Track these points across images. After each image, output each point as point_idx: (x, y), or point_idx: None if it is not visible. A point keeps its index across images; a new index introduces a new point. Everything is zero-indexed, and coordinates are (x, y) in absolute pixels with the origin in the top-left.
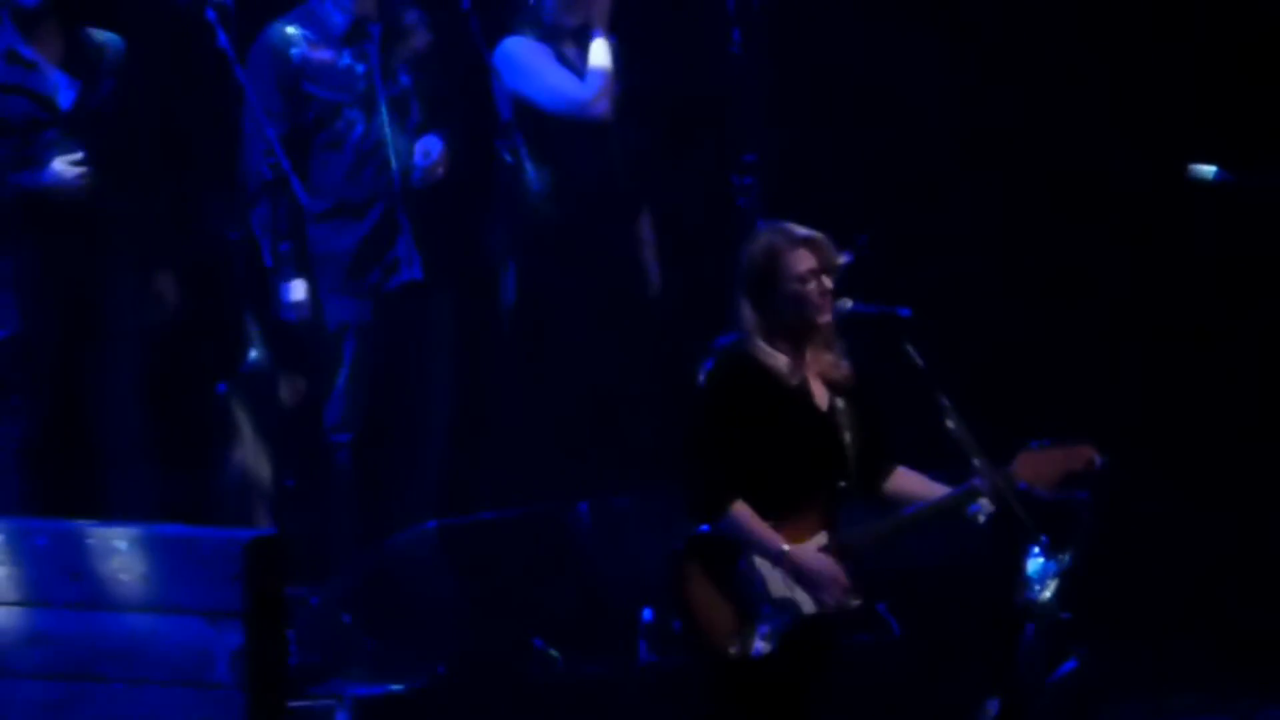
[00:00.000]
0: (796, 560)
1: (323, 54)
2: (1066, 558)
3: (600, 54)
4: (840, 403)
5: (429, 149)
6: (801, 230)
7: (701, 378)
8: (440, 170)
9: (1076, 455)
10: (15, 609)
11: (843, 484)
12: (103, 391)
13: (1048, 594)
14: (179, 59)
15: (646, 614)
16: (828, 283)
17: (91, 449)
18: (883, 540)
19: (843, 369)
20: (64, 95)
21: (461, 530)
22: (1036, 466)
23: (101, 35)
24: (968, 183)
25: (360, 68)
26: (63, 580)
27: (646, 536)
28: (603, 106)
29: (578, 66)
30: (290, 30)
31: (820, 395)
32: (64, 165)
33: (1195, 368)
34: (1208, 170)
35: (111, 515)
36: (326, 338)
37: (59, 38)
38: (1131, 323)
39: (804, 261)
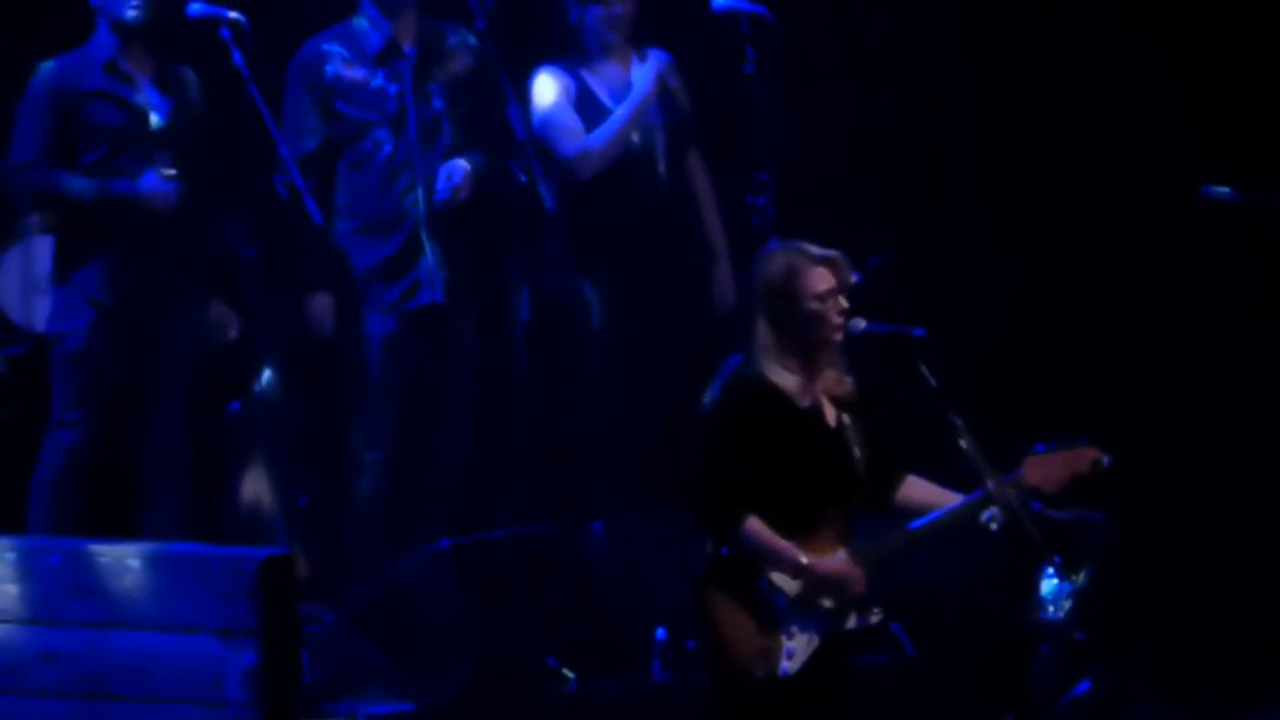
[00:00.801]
0: (817, 571)
1: (356, 72)
2: (1080, 578)
3: (644, 79)
4: (847, 418)
5: (452, 172)
6: (818, 249)
7: (711, 397)
8: (464, 194)
9: (1082, 456)
10: (28, 626)
11: (855, 499)
12: (154, 414)
13: (1062, 615)
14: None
15: (660, 633)
16: (843, 302)
17: (133, 471)
18: (899, 552)
19: (846, 384)
20: (157, 112)
21: (474, 549)
22: (1043, 469)
23: (184, 68)
24: (983, 201)
25: (393, 88)
26: (76, 598)
27: (660, 556)
28: (591, 167)
29: (618, 90)
30: (326, 47)
31: (829, 413)
32: (160, 178)
33: (1212, 384)
34: (1222, 191)
35: (146, 535)
36: (349, 353)
37: (150, 57)
38: (1147, 339)
39: (823, 280)
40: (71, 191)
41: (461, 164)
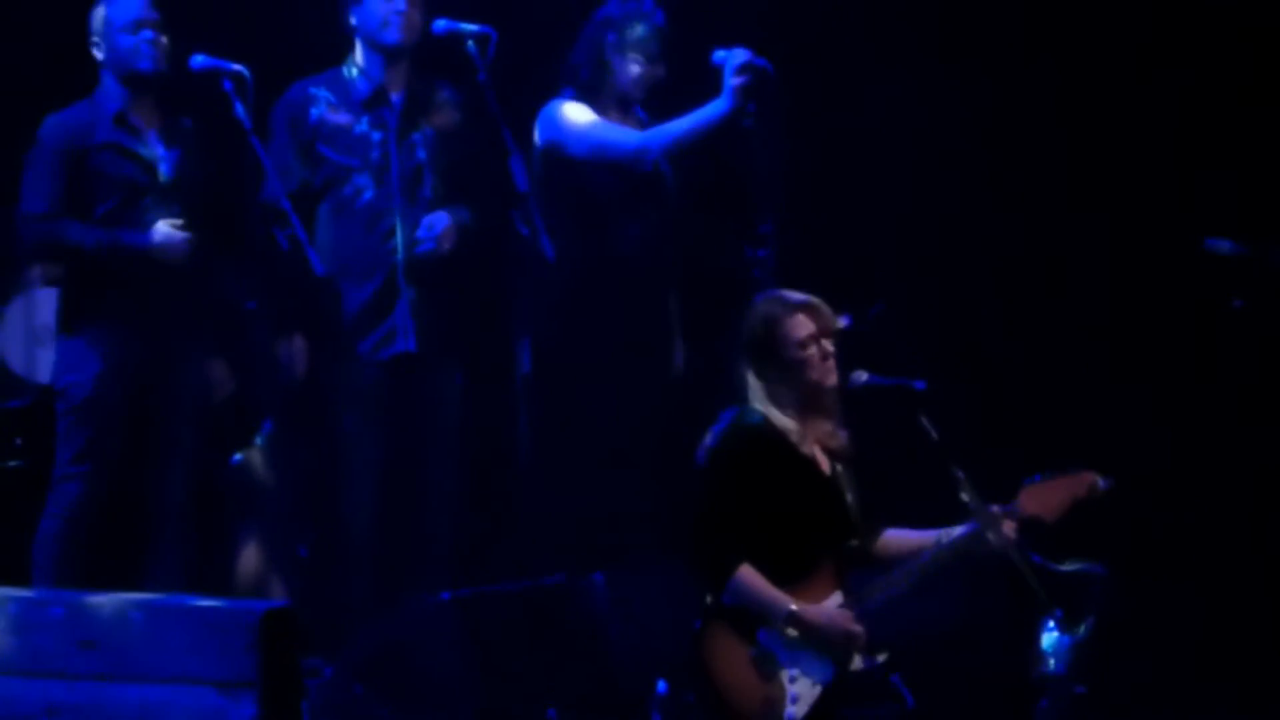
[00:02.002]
0: (806, 619)
1: (340, 117)
2: (1082, 631)
3: (723, 102)
4: (839, 467)
5: (434, 223)
6: (797, 296)
7: (712, 441)
8: (446, 244)
9: (1079, 481)
10: (31, 679)
11: (851, 545)
12: (159, 468)
13: (1063, 668)
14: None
15: (661, 686)
16: (828, 346)
17: (135, 525)
18: (897, 592)
19: (840, 438)
20: (164, 164)
21: (474, 601)
22: (1040, 497)
23: (184, 118)
24: (984, 253)
25: (376, 135)
26: (77, 651)
27: (661, 608)
28: (655, 154)
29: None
30: (312, 90)
31: (823, 461)
32: (171, 229)
33: (1217, 436)
34: (1223, 244)
35: (147, 587)
36: (331, 402)
37: (157, 109)
38: (1149, 391)
39: (802, 327)
40: (83, 244)
41: (443, 215)
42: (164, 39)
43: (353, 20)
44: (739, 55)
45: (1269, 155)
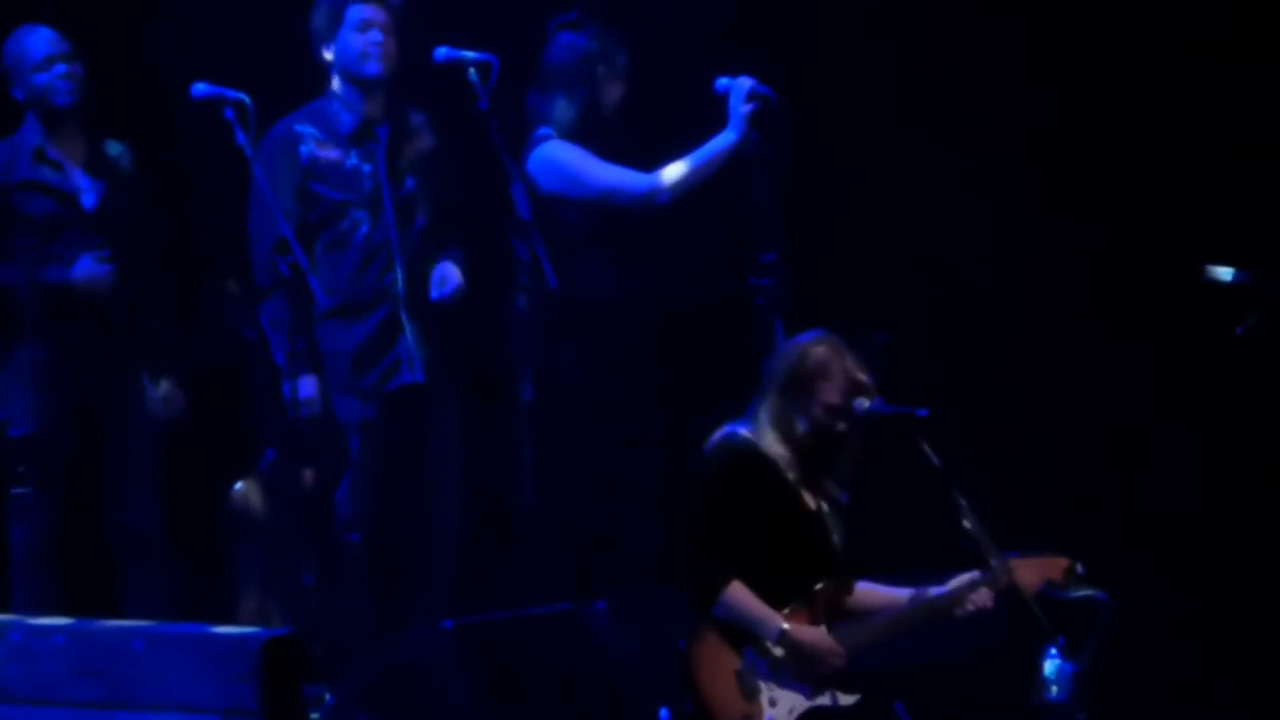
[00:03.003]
0: (795, 638)
1: (330, 153)
2: (1084, 658)
3: (730, 135)
4: (825, 506)
5: (445, 276)
6: (855, 364)
7: (703, 460)
8: (458, 297)
9: (1054, 565)
10: (32, 707)
11: (831, 582)
12: (116, 489)
13: (1065, 695)
14: (192, 158)
15: (663, 714)
16: (844, 425)
17: (106, 546)
18: (879, 637)
19: (837, 494)
20: (87, 196)
21: (477, 629)
22: (1020, 573)
23: (114, 144)
24: (987, 279)
25: (367, 168)
26: (79, 678)
27: (664, 634)
28: (666, 196)
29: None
30: (298, 128)
31: (809, 496)
32: (94, 262)
33: (1221, 465)
34: (1225, 272)
35: (126, 613)
36: (335, 435)
37: (81, 140)
38: (1150, 419)
39: (840, 396)
40: (4, 283)
41: (452, 269)
42: (78, 68)
43: (328, 55)
44: (744, 84)
45: (1271, 180)
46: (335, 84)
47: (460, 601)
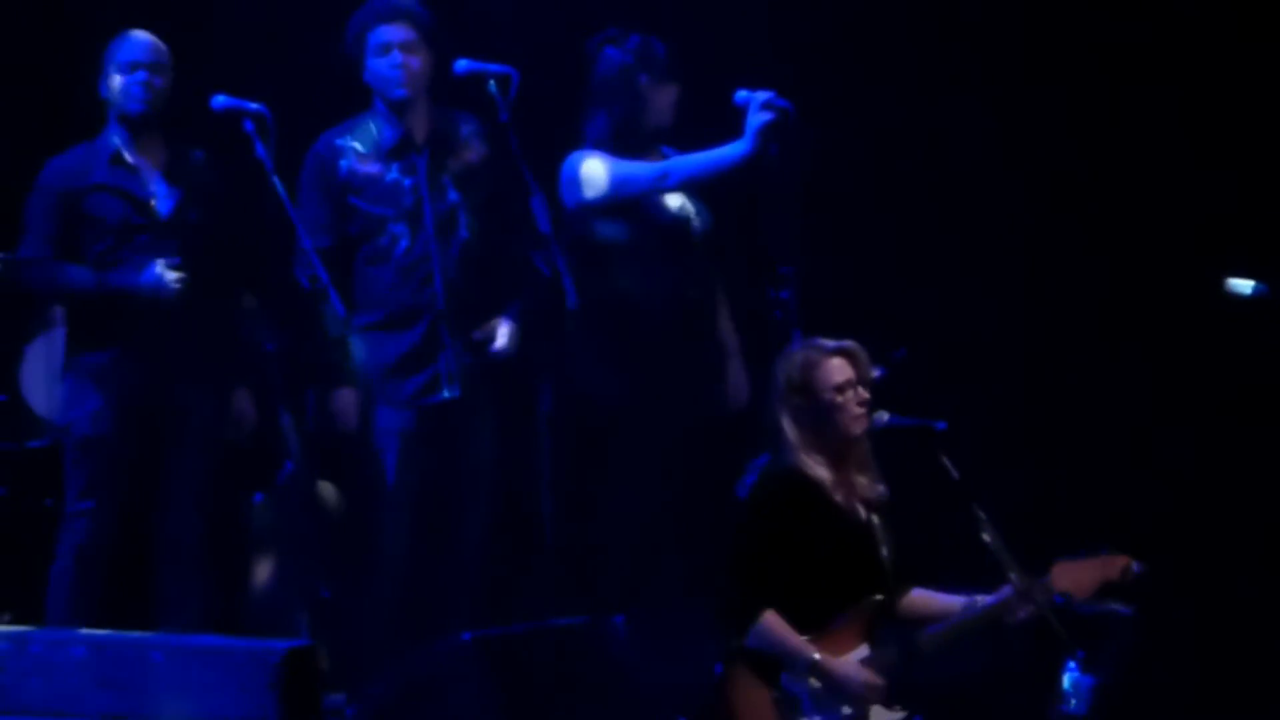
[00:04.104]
0: (827, 669)
1: (370, 167)
2: (1103, 671)
3: (746, 142)
4: (875, 519)
5: (493, 335)
6: (834, 342)
7: (746, 492)
8: (501, 357)
9: (1112, 564)
10: (52, 719)
11: (882, 598)
12: (169, 500)
13: (1085, 708)
14: (224, 170)
15: None
16: (864, 393)
17: (143, 556)
18: (922, 653)
19: (879, 490)
20: (163, 203)
21: (496, 642)
22: (1073, 575)
23: (197, 152)
24: (1008, 291)
25: (408, 182)
26: (99, 690)
27: (683, 650)
28: (674, 180)
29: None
30: (339, 142)
31: (860, 510)
32: (164, 269)
33: (1238, 479)
34: (1245, 285)
35: (159, 624)
36: (371, 448)
37: (162, 147)
38: (1171, 431)
39: (839, 372)
40: (73, 285)
41: (506, 330)
42: (158, 81)
43: (365, 77)
44: (761, 96)
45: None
46: (376, 99)
47: (480, 614)
